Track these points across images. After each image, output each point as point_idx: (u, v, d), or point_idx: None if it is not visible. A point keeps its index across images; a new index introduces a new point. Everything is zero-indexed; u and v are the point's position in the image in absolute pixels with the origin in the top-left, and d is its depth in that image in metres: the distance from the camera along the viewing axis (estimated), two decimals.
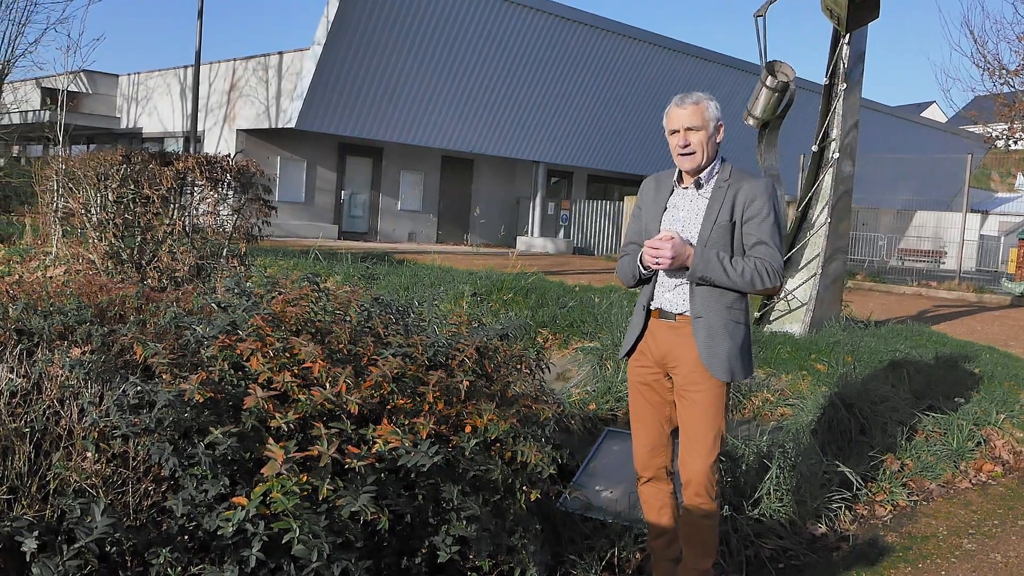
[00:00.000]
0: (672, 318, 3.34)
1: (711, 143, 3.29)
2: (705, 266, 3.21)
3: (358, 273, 9.61)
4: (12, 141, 22.57)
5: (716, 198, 3.30)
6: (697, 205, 3.34)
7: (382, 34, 19.22)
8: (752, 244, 3.26)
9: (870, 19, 7.72)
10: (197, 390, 2.70)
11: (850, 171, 8.18)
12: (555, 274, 12.39)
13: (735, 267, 3.21)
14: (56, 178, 10.52)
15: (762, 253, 3.24)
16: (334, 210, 22.61)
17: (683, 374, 3.31)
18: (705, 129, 3.27)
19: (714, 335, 3.26)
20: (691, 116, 3.26)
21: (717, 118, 3.31)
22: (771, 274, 3.22)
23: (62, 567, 2.37)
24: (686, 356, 3.29)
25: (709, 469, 3.30)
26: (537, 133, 23.61)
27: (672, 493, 3.53)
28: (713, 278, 3.22)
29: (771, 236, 3.25)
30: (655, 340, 3.39)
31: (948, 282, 16.54)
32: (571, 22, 22.22)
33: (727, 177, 3.33)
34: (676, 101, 3.32)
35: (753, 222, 3.25)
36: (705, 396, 3.28)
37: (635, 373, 3.49)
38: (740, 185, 3.29)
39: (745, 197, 3.26)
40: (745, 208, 3.26)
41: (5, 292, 3.49)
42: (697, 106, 3.26)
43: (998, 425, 5.72)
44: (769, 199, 3.27)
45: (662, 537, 3.54)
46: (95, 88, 25.50)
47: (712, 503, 3.35)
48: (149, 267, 9.03)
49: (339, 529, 2.75)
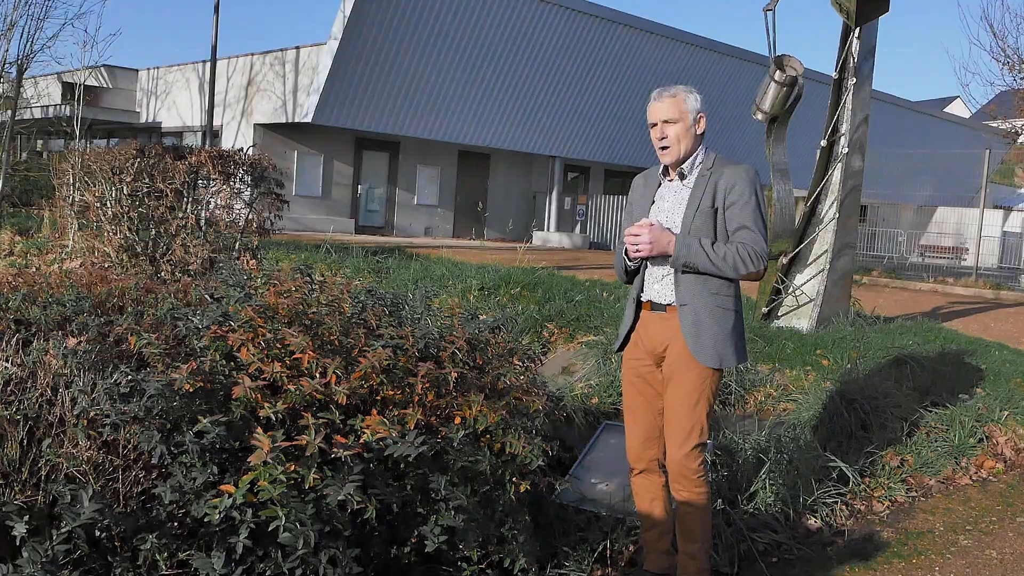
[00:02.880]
0: (663, 309, 3.39)
1: (690, 135, 3.33)
2: (687, 252, 3.24)
3: (368, 267, 9.67)
4: (33, 135, 22.84)
5: (699, 186, 3.34)
6: (681, 195, 3.39)
7: (398, 28, 19.27)
8: (735, 229, 3.30)
9: (880, 13, 7.68)
10: (187, 379, 2.75)
11: (859, 166, 8.14)
12: (568, 269, 12.41)
13: (717, 252, 3.24)
14: (72, 172, 10.66)
15: (744, 237, 3.27)
16: (351, 204, 22.71)
17: (670, 361, 3.36)
18: (683, 121, 3.31)
19: (700, 322, 3.29)
20: (668, 109, 3.31)
21: (696, 110, 3.34)
22: (754, 258, 3.25)
23: (51, 551, 2.43)
24: (674, 343, 3.34)
25: (685, 456, 3.33)
26: (554, 128, 23.60)
27: (664, 485, 3.56)
28: (696, 263, 3.25)
29: (753, 220, 3.29)
30: (646, 331, 3.44)
31: (965, 279, 16.41)
32: (589, 16, 22.19)
33: (710, 166, 3.37)
34: (654, 95, 3.37)
35: (735, 207, 3.29)
36: (688, 383, 3.32)
37: (629, 365, 3.54)
38: (721, 172, 3.33)
39: (726, 183, 3.30)
40: (727, 194, 3.30)
41: (7, 283, 3.56)
42: (674, 99, 3.32)
43: (1001, 422, 5.69)
44: (750, 183, 3.31)
45: (654, 529, 3.57)
46: (115, 83, 25.71)
47: (694, 491, 3.37)
48: (163, 260, 9.13)
49: (327, 518, 2.79)
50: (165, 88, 25.15)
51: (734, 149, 23.53)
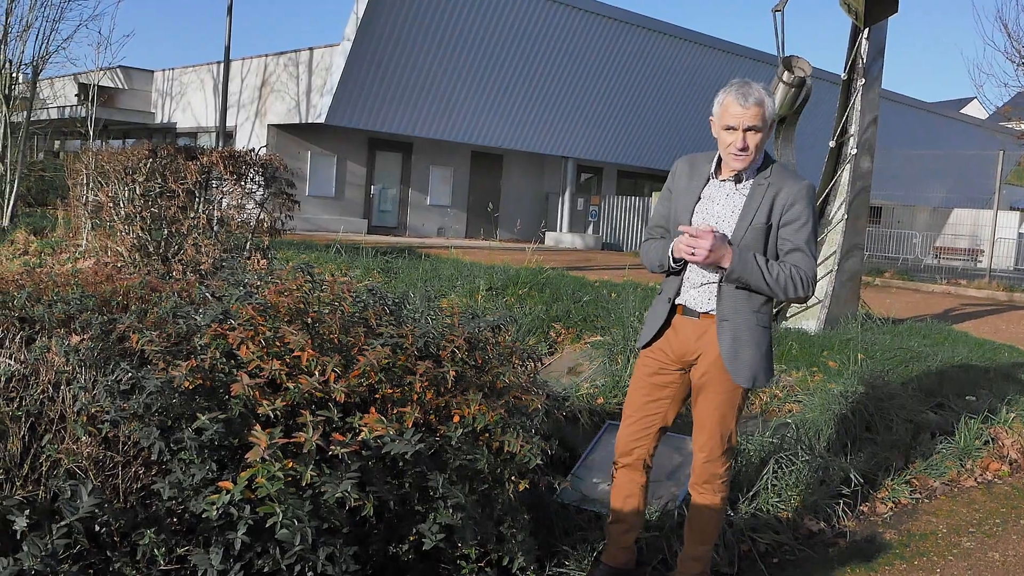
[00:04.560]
0: (696, 316, 3.25)
1: (765, 143, 3.16)
2: (743, 268, 3.07)
3: (378, 267, 9.71)
4: (48, 136, 23.04)
5: (755, 196, 3.16)
6: (734, 201, 3.20)
7: (411, 29, 19.33)
8: (788, 250, 3.14)
9: (888, 13, 7.66)
10: (186, 377, 2.79)
11: (868, 167, 8.12)
12: (578, 270, 12.42)
13: (771, 272, 3.08)
14: (86, 172, 10.75)
15: (798, 260, 3.12)
16: (364, 205, 22.79)
17: (702, 371, 3.26)
18: (765, 130, 3.11)
19: (739, 340, 3.17)
20: (754, 116, 3.07)
21: (773, 116, 3.15)
22: (806, 284, 3.11)
23: (51, 545, 2.46)
24: (708, 353, 3.23)
25: (714, 463, 3.32)
26: (567, 129, 23.61)
27: (643, 486, 3.52)
28: (749, 281, 3.10)
29: (807, 243, 3.13)
30: (677, 336, 3.30)
31: (978, 280, 16.32)
32: (602, 17, 22.19)
33: (768, 175, 3.18)
34: (738, 97, 3.08)
35: (791, 227, 3.13)
36: (721, 395, 3.25)
37: (644, 363, 3.42)
38: (781, 186, 3.14)
39: (785, 200, 3.13)
40: (784, 212, 3.13)
41: (13, 281, 3.60)
42: (760, 107, 3.07)
43: (1008, 424, 5.66)
44: (809, 204, 3.14)
45: (621, 523, 3.55)
46: (131, 84, 25.90)
47: (716, 496, 3.37)
48: (175, 260, 9.20)
49: (324, 515, 2.82)
50: (180, 89, 25.31)
51: None
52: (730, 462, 3.39)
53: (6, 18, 15.76)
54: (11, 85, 16.26)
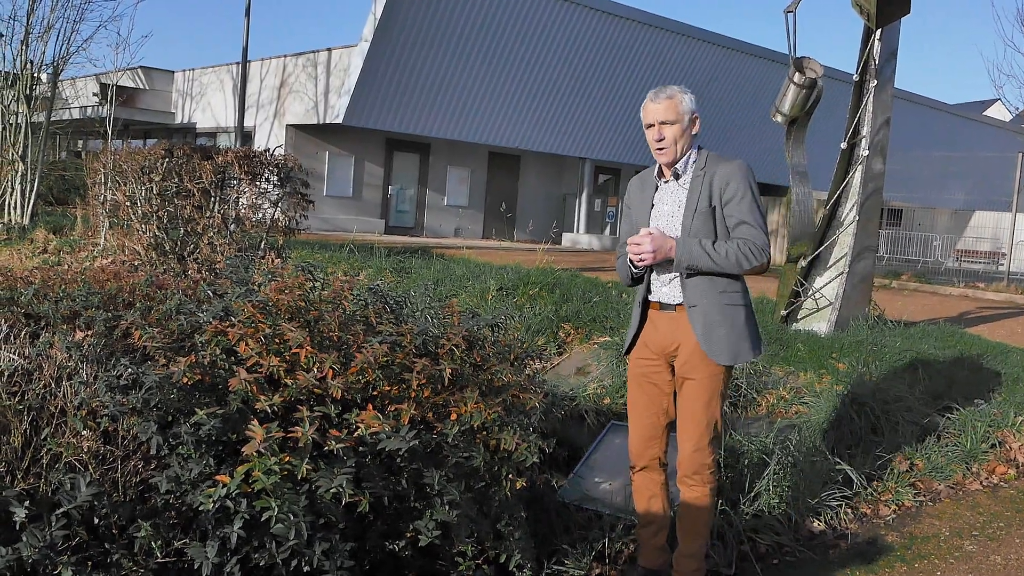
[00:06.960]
0: (672, 309, 3.43)
1: (686, 136, 3.37)
2: (689, 255, 3.28)
3: (391, 266, 9.76)
4: (69, 135, 23.28)
5: (695, 186, 3.38)
6: (678, 196, 3.42)
7: (429, 30, 19.39)
8: (734, 225, 3.34)
9: (901, 14, 7.62)
10: (185, 372, 2.83)
11: (880, 169, 8.09)
12: (592, 270, 12.42)
13: (719, 251, 3.28)
14: (104, 172, 10.87)
15: (744, 233, 3.31)
16: (381, 205, 22.88)
17: (683, 360, 3.40)
18: (679, 123, 3.34)
19: (711, 322, 3.33)
20: (665, 110, 3.34)
21: (692, 111, 3.38)
22: (756, 252, 3.29)
23: (49, 536, 2.51)
24: (686, 341, 3.38)
25: (700, 452, 3.38)
26: (584, 130, 23.60)
27: (663, 484, 3.60)
28: (699, 265, 3.30)
29: (751, 214, 3.32)
30: (656, 330, 3.47)
31: (996, 283, 16.19)
32: (620, 18, 22.17)
33: (703, 164, 3.40)
34: (651, 96, 3.40)
35: (732, 203, 3.33)
36: (701, 382, 3.37)
37: (636, 364, 3.57)
38: (715, 170, 3.36)
39: (720, 180, 3.34)
40: (722, 191, 3.33)
41: (22, 278, 3.67)
42: (671, 100, 3.34)
43: (1016, 427, 5.63)
44: (744, 178, 3.34)
45: (651, 525, 3.61)
46: (151, 84, 26.11)
47: (704, 487, 3.43)
48: (190, 258, 9.29)
49: (320, 510, 2.85)
50: (200, 89, 25.50)
51: (768, 151, 23.36)
52: (717, 452, 3.47)
53: (28, 19, 15.96)
54: (32, 85, 16.45)
